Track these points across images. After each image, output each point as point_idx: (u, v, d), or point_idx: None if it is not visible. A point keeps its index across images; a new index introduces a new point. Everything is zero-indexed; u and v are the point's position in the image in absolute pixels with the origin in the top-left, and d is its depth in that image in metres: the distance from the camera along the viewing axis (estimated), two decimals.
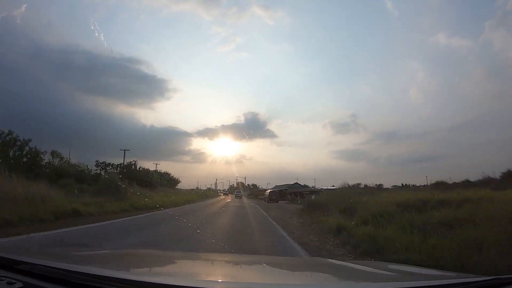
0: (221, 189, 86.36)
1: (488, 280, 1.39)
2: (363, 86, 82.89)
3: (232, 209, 22.19)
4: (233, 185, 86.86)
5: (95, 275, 1.28)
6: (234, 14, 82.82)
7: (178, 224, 10.96)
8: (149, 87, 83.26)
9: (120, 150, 39.63)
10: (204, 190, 71.60)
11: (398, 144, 73.43)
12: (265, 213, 18.96)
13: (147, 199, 19.31)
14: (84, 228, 8.88)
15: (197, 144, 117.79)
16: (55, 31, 63.09)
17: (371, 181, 40.07)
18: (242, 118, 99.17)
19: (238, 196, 59.76)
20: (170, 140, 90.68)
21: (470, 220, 6.72)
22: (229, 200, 41.74)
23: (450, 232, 6.15)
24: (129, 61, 79.21)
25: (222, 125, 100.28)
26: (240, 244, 7.47)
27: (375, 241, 6.60)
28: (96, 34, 60.00)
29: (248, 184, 75.69)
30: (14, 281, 1.23)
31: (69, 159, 27.51)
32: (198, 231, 8.99)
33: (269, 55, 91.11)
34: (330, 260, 3.21)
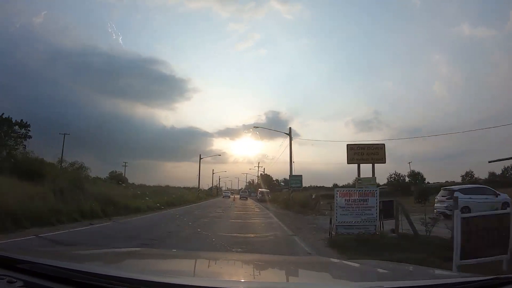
0: (236, 188, 79.38)
1: (488, 279, 1.39)
2: (385, 82, 79.15)
3: None
4: (252, 181, 74.24)
5: (96, 273, 1.28)
6: (251, 9, 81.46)
7: None
8: (168, 87, 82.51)
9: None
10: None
11: (422, 141, 70.06)
12: None
13: None
14: None
15: (218, 144, 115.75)
16: (72, 35, 63.42)
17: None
18: (263, 117, 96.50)
19: (244, 198, 49.05)
20: (191, 140, 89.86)
21: None
22: None
23: None
24: (147, 61, 79.13)
25: (243, 124, 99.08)
26: None
27: None
28: (114, 36, 60.59)
29: (276, 180, 59.54)
30: (15, 280, 1.23)
31: None
32: None
33: (289, 51, 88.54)
34: (331, 259, 3.21)
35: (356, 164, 11.17)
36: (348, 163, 11.21)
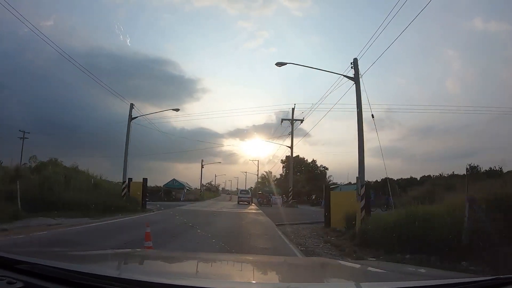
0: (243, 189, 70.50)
1: (488, 280, 1.39)
2: (397, 79, 74.92)
3: None
4: (270, 171, 53.29)
5: (96, 274, 1.29)
6: (259, 6, 78.16)
7: None
8: (177, 88, 79.81)
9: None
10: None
11: (435, 139, 63.94)
12: None
13: None
14: None
15: (228, 145, 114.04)
16: (79, 36, 61.32)
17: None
18: (274, 117, 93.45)
19: (244, 202, 31.25)
20: (201, 142, 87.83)
21: None
22: None
23: None
24: (155, 62, 76.83)
25: (253, 125, 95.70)
26: None
27: None
28: (121, 37, 59.80)
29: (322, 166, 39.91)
30: (15, 281, 1.23)
31: None
32: None
33: (299, 49, 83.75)
34: (330, 260, 3.21)
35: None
36: None
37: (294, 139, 28.56)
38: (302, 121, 27.80)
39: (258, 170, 53.84)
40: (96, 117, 57.98)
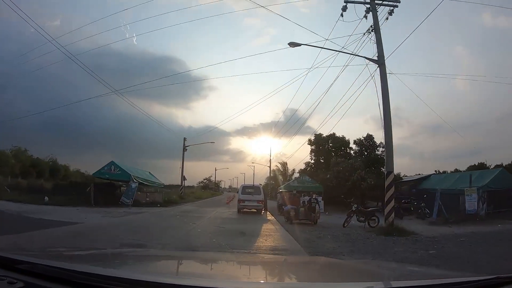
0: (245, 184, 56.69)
1: (489, 279, 1.39)
2: (405, 76, 75.51)
3: None
4: (283, 165, 43.51)
5: (97, 274, 1.29)
6: (266, 3, 79.34)
7: None
8: (183, 86, 79.55)
9: None
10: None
11: (444, 138, 65.67)
12: None
13: None
14: None
15: (235, 143, 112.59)
16: (87, 36, 61.31)
17: None
18: (281, 115, 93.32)
19: (248, 205, 16.94)
20: (208, 140, 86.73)
21: None
22: None
23: None
24: (162, 60, 75.59)
25: (261, 123, 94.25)
26: None
27: None
28: (128, 36, 59.33)
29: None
30: (15, 281, 1.23)
31: None
32: None
33: (306, 47, 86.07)
34: (331, 259, 3.21)
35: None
36: None
37: (299, 139, 20.13)
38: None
39: (270, 161, 39.85)
40: None
